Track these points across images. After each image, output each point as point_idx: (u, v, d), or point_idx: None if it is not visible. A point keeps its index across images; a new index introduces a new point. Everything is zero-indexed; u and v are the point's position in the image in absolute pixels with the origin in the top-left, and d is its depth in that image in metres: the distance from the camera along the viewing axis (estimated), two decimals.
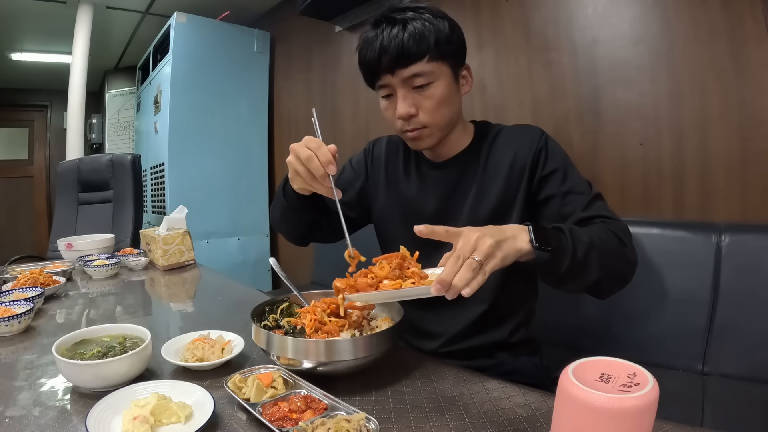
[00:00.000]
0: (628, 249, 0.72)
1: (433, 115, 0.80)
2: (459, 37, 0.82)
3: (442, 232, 0.59)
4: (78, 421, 0.57)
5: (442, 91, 0.79)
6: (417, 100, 0.80)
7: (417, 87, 0.79)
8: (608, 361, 0.41)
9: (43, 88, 4.68)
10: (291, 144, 0.73)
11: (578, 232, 0.66)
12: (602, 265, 0.66)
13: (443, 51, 0.78)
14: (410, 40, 0.75)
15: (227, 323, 0.84)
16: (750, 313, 1.10)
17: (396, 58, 0.76)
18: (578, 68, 1.59)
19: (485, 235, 0.56)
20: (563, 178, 0.81)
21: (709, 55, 1.32)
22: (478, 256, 0.53)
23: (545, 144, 0.84)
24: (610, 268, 0.68)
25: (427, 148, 0.87)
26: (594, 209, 0.77)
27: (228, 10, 2.92)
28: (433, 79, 0.78)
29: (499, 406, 0.59)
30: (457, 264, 0.53)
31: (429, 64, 0.77)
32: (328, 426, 0.50)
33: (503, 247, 0.57)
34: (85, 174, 2.32)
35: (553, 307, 1.36)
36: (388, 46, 0.76)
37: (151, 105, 3.10)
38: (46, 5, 2.90)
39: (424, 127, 0.81)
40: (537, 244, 0.60)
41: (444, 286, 0.52)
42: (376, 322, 0.75)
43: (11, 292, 1.03)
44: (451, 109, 0.83)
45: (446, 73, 0.80)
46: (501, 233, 0.58)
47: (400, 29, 0.76)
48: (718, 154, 1.32)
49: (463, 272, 0.52)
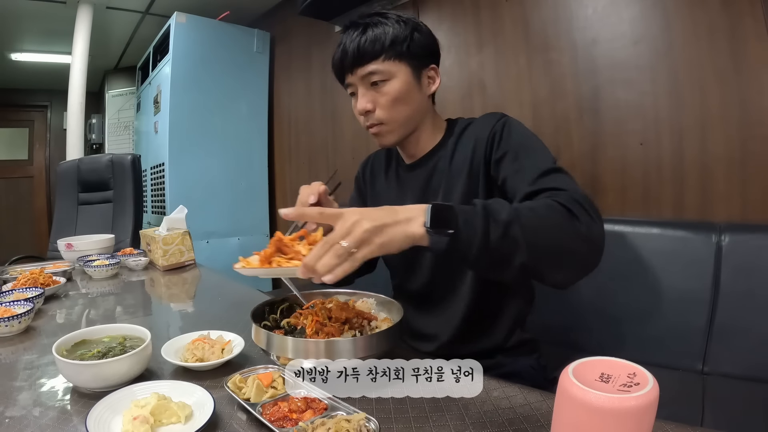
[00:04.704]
0: (582, 222, 0.60)
1: (389, 111, 0.84)
2: (424, 40, 0.86)
3: (315, 214, 0.57)
4: (78, 421, 0.57)
5: (397, 88, 0.83)
6: (374, 96, 0.84)
7: (374, 84, 0.84)
8: (608, 361, 0.41)
9: (43, 88, 4.67)
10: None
11: (495, 208, 0.57)
12: (532, 245, 0.56)
13: (400, 51, 0.82)
14: (367, 42, 0.82)
15: (227, 323, 0.84)
16: (750, 313, 1.10)
17: (355, 57, 0.83)
18: (578, 68, 1.59)
19: (363, 219, 0.53)
20: (514, 157, 0.78)
21: (709, 55, 1.32)
22: (348, 241, 0.52)
23: (501, 128, 0.82)
24: (547, 249, 0.58)
25: (390, 144, 0.89)
26: (543, 182, 0.69)
27: (228, 10, 2.92)
28: (389, 77, 0.83)
29: (499, 406, 0.59)
30: (323, 248, 0.53)
31: (385, 63, 0.82)
32: (328, 426, 0.50)
33: (386, 232, 0.54)
34: (85, 174, 2.32)
35: (552, 307, 1.36)
36: (349, 47, 0.83)
37: (151, 105, 3.10)
38: (46, 5, 2.90)
39: (382, 123, 0.86)
40: (433, 227, 0.55)
41: (308, 269, 0.53)
42: (376, 322, 0.75)
43: (11, 292, 1.03)
44: (409, 106, 0.85)
45: (404, 72, 0.84)
46: (391, 216, 0.55)
47: (360, 32, 0.83)
48: (718, 154, 1.32)
49: (328, 257, 0.52)
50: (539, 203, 0.62)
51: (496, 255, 0.57)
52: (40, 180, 4.98)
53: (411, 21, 0.85)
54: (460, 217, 0.56)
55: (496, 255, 0.57)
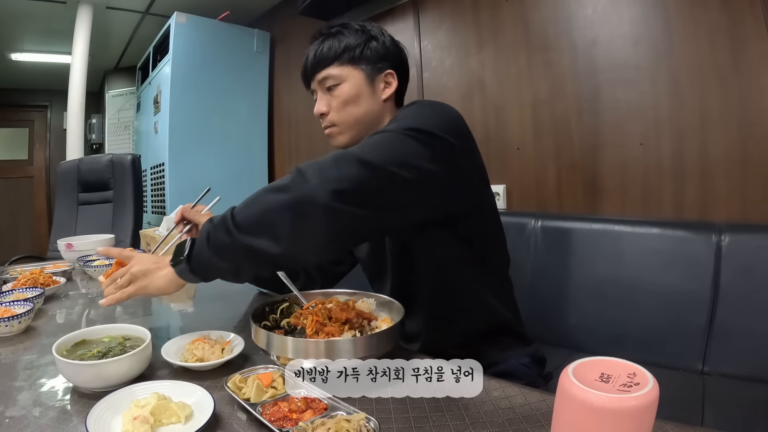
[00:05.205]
0: (288, 193, 0.62)
1: (339, 113, 0.89)
2: (380, 47, 0.90)
3: (116, 254, 0.80)
4: (78, 421, 0.57)
5: (348, 91, 0.88)
6: (329, 100, 0.90)
7: (329, 89, 0.89)
8: (608, 361, 0.41)
9: (43, 88, 4.67)
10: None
11: (221, 217, 0.67)
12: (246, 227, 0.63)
13: (352, 57, 0.88)
14: (323, 49, 0.89)
15: (227, 323, 0.84)
16: (750, 313, 1.10)
17: (313, 64, 0.90)
18: (578, 68, 1.59)
19: (136, 264, 0.75)
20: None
21: (709, 55, 1.32)
22: (123, 279, 0.74)
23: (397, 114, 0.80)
24: (262, 231, 0.63)
25: (342, 145, 0.91)
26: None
27: (228, 11, 2.92)
28: (341, 81, 0.88)
29: (499, 406, 0.59)
30: (110, 280, 0.77)
31: (337, 68, 0.88)
32: (328, 426, 0.50)
33: (148, 276, 0.73)
34: (85, 174, 2.33)
35: (552, 306, 1.36)
36: (309, 55, 0.91)
37: (151, 105, 3.10)
38: (46, 5, 2.90)
39: (334, 125, 0.90)
40: (173, 260, 0.71)
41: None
42: (376, 322, 0.75)
43: (11, 292, 1.03)
44: (360, 108, 0.89)
45: (357, 77, 0.88)
46: (156, 264, 0.74)
47: (320, 42, 0.90)
48: (718, 154, 1.32)
49: (110, 287, 0.76)
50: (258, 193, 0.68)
51: (229, 251, 0.65)
52: (40, 180, 4.98)
53: (370, 30, 0.90)
54: (192, 243, 0.69)
55: (230, 251, 0.65)
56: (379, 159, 0.65)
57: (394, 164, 0.66)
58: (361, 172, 0.63)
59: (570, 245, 1.36)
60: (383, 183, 0.65)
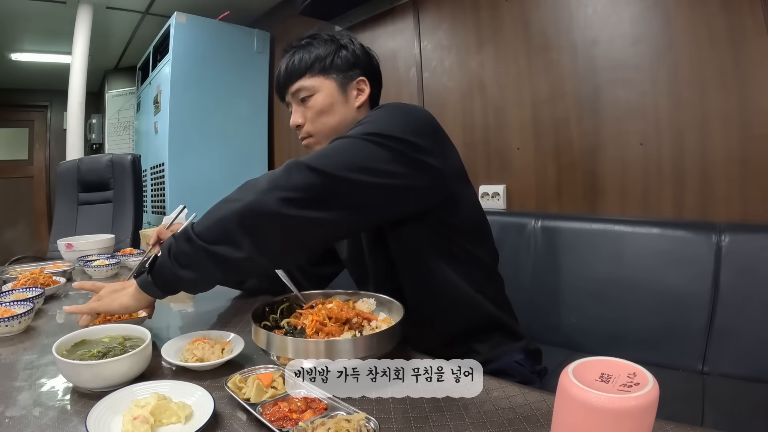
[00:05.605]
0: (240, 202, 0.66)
1: (314, 123, 0.90)
2: (350, 55, 0.91)
3: (90, 287, 0.86)
4: (78, 421, 0.57)
5: (321, 102, 0.89)
6: (304, 111, 0.91)
7: (303, 100, 0.90)
8: (608, 361, 0.41)
9: (43, 88, 4.67)
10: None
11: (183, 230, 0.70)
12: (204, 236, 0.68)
13: (323, 67, 0.89)
14: (294, 62, 0.90)
15: (227, 323, 0.84)
16: (750, 313, 1.10)
17: (285, 77, 0.91)
18: (578, 68, 1.60)
19: (106, 288, 0.82)
20: None
21: (709, 55, 1.32)
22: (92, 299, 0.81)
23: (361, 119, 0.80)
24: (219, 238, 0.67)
25: None
26: None
27: (228, 10, 2.92)
28: (314, 91, 0.89)
29: (499, 406, 0.59)
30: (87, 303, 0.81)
31: (309, 80, 0.89)
32: (328, 426, 0.50)
33: (112, 297, 0.79)
34: (85, 174, 2.33)
35: (552, 306, 1.36)
36: (281, 69, 0.92)
37: (151, 105, 3.10)
38: (46, 5, 2.90)
39: (310, 136, 0.92)
40: (136, 274, 0.75)
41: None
42: (376, 322, 0.75)
43: (11, 292, 1.03)
44: (334, 117, 0.90)
45: (329, 86, 0.89)
46: (122, 286, 0.80)
47: (291, 55, 0.91)
48: (718, 154, 1.32)
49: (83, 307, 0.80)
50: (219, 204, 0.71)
51: (192, 259, 0.69)
52: (40, 180, 4.98)
53: (339, 40, 0.91)
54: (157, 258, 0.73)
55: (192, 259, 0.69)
56: (331, 165, 0.68)
57: (349, 169, 0.68)
58: (312, 178, 0.66)
59: (570, 245, 1.36)
60: (338, 187, 0.68)
